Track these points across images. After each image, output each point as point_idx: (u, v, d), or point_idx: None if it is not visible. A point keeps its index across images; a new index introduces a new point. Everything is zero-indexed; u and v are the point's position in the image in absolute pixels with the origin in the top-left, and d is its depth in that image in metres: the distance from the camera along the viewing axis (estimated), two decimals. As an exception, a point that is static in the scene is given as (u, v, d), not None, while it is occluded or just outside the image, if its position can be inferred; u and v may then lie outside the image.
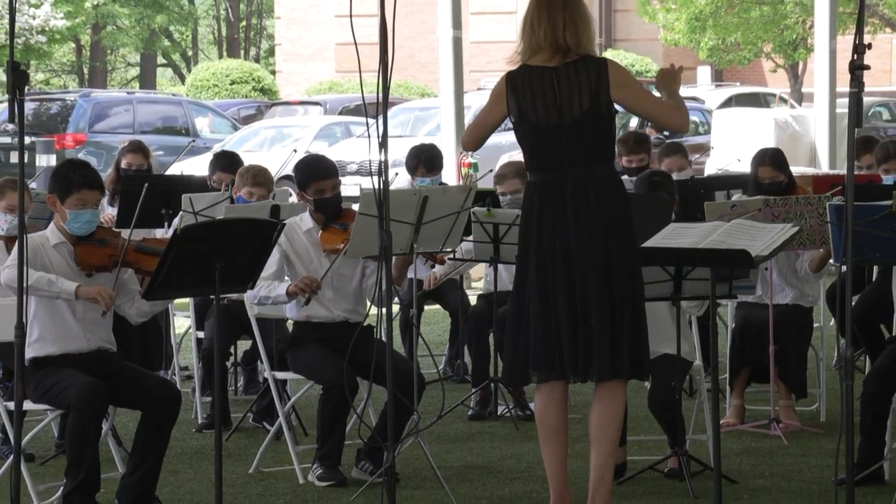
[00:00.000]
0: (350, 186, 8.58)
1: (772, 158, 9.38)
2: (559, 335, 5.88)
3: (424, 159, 10.48)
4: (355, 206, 7.76)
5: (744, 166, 14.07)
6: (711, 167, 23.66)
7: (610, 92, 5.95)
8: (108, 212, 10.48)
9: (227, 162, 10.47)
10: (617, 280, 5.89)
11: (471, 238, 9.27)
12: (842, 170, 17.95)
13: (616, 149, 9.46)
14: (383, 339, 6.96)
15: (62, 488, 7.09)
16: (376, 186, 5.91)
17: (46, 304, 7.10)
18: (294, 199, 13.89)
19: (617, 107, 6.09)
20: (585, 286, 5.87)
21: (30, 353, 6.99)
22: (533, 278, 5.99)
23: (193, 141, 20.51)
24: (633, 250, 5.99)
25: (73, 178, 7.14)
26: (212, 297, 7.07)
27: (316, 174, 8.03)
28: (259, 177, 9.52)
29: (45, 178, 7.81)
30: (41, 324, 7.10)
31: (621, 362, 5.89)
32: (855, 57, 5.54)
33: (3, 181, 8.51)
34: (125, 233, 7.32)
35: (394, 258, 7.96)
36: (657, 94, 6.29)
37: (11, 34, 6.34)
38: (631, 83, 6.04)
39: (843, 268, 5.88)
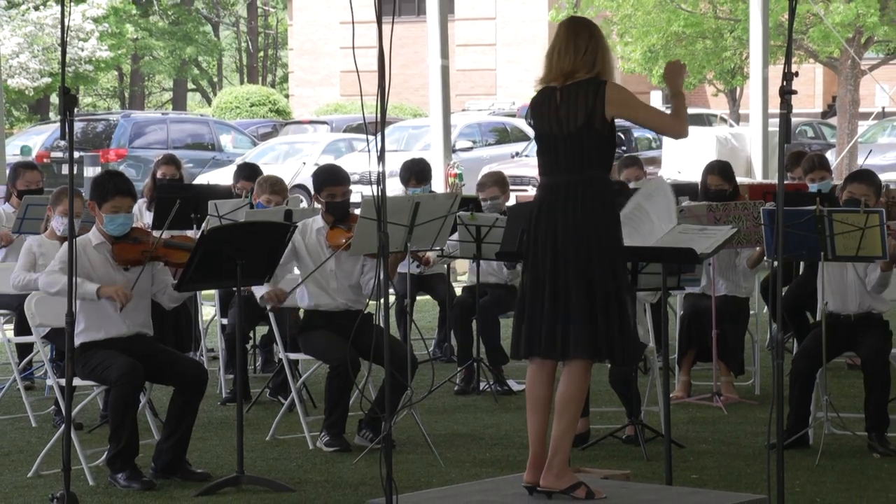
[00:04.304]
0: (353, 194, 8.57)
1: (720, 169, 9.39)
2: (543, 319, 5.85)
3: (415, 172, 10.47)
4: (357, 211, 7.77)
5: (685, 177, 14.16)
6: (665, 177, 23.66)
7: (606, 110, 5.86)
8: (146, 216, 10.47)
9: (248, 172, 10.52)
10: (599, 276, 5.81)
11: (456, 237, 9.27)
12: (773, 179, 17.97)
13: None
14: (381, 325, 6.96)
15: (106, 453, 7.09)
16: (376, 194, 5.89)
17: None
18: (304, 205, 13.85)
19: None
20: (567, 279, 5.81)
21: (78, 340, 6.97)
22: (529, 269, 5.96)
23: (214, 157, 20.53)
24: (617, 250, 5.90)
25: (108, 188, 7.15)
26: (234, 288, 7.07)
27: (329, 180, 8.05)
28: (276, 186, 9.61)
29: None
30: (86, 315, 7.09)
31: (598, 345, 5.80)
32: (784, 83, 5.54)
33: (59, 190, 8.58)
34: (158, 234, 7.31)
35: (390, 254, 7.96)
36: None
37: (63, 64, 6.32)
38: (629, 101, 5.93)
39: (775, 263, 5.87)
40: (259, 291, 7.82)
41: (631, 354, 5.96)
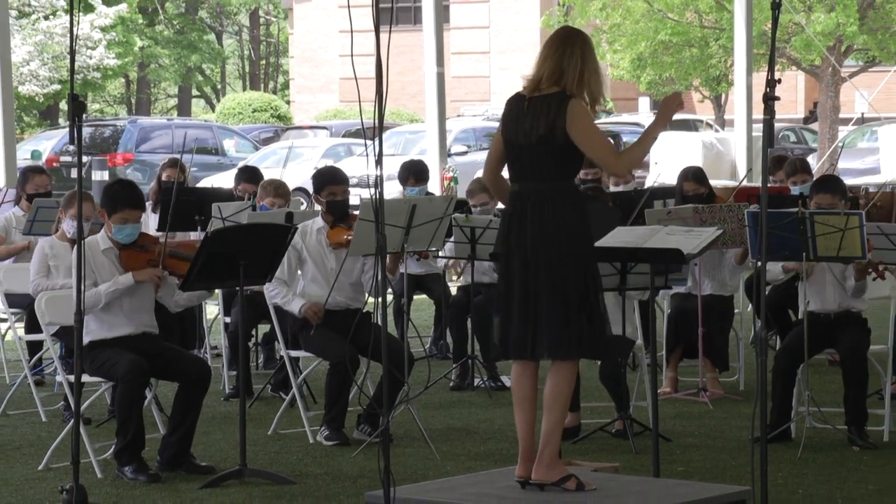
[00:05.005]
0: (352, 197, 8.60)
1: (694, 175, 9.45)
2: (514, 321, 5.84)
3: (414, 172, 10.48)
4: (357, 213, 7.76)
5: (669, 179, 14.17)
6: (650, 180, 23.70)
7: (566, 125, 5.78)
8: (152, 218, 10.46)
9: (249, 175, 10.53)
10: (572, 280, 5.79)
11: (452, 239, 9.27)
12: (757, 183, 17.96)
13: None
14: (379, 323, 6.95)
15: (114, 446, 7.08)
16: (374, 196, 5.89)
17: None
18: (304, 207, 13.84)
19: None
20: (537, 283, 5.79)
21: (87, 338, 6.97)
22: (502, 274, 5.95)
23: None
24: (585, 253, 5.87)
25: (118, 200, 7.15)
26: (237, 287, 7.07)
27: (330, 180, 8.04)
28: (280, 189, 9.68)
29: (99, 191, 7.90)
30: (95, 315, 7.10)
31: (569, 345, 5.78)
32: (767, 90, 5.54)
33: (71, 193, 8.58)
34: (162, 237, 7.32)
35: (389, 254, 7.96)
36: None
37: (72, 71, 6.31)
38: (583, 124, 5.77)
39: (759, 263, 5.88)
40: (296, 305, 7.80)
41: (604, 350, 5.91)
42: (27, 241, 9.71)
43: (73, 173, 25.35)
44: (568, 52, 5.83)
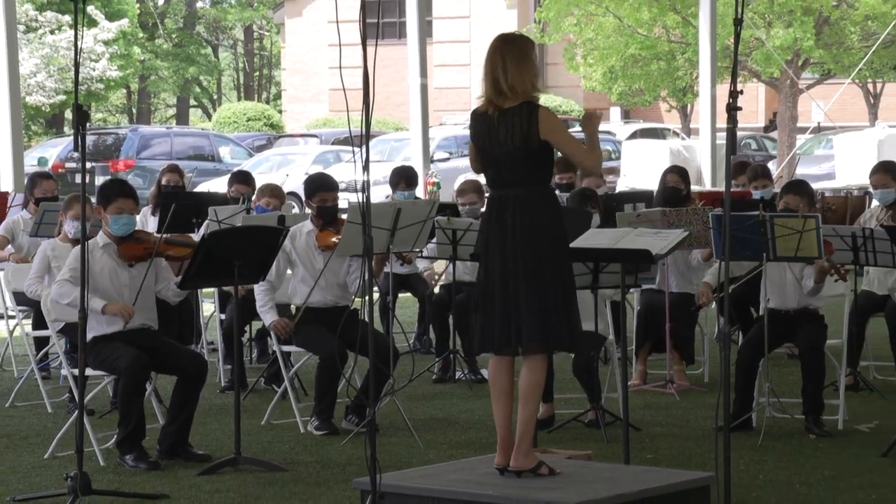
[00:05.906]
0: (340, 201, 8.65)
1: (678, 170, 9.68)
2: (497, 318, 5.83)
3: (405, 177, 10.51)
4: (344, 216, 7.75)
5: (640, 184, 14.22)
6: (622, 185, 23.72)
7: (539, 133, 5.77)
8: (151, 220, 10.44)
9: (242, 178, 10.56)
10: (549, 278, 5.78)
11: (434, 240, 9.26)
12: (721, 187, 18.01)
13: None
14: (366, 319, 6.94)
15: (115, 436, 7.07)
16: (361, 200, 5.88)
17: (102, 296, 7.06)
18: (296, 210, 13.81)
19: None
20: (517, 282, 5.79)
21: (90, 333, 6.94)
22: (482, 273, 5.95)
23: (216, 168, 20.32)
24: (561, 254, 5.87)
25: (112, 191, 7.16)
26: (231, 286, 7.06)
27: (321, 186, 8.04)
28: (276, 191, 9.90)
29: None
30: (97, 313, 7.07)
31: (549, 339, 5.79)
32: (730, 100, 5.55)
33: (70, 196, 8.57)
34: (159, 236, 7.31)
35: (374, 257, 7.94)
36: (581, 132, 6.15)
37: (76, 82, 6.29)
38: (557, 128, 5.78)
39: (723, 263, 5.89)
40: (268, 319, 7.83)
41: (578, 342, 5.90)
42: (8, 255, 9.77)
43: (78, 179, 25.31)
44: (496, 67, 5.79)
